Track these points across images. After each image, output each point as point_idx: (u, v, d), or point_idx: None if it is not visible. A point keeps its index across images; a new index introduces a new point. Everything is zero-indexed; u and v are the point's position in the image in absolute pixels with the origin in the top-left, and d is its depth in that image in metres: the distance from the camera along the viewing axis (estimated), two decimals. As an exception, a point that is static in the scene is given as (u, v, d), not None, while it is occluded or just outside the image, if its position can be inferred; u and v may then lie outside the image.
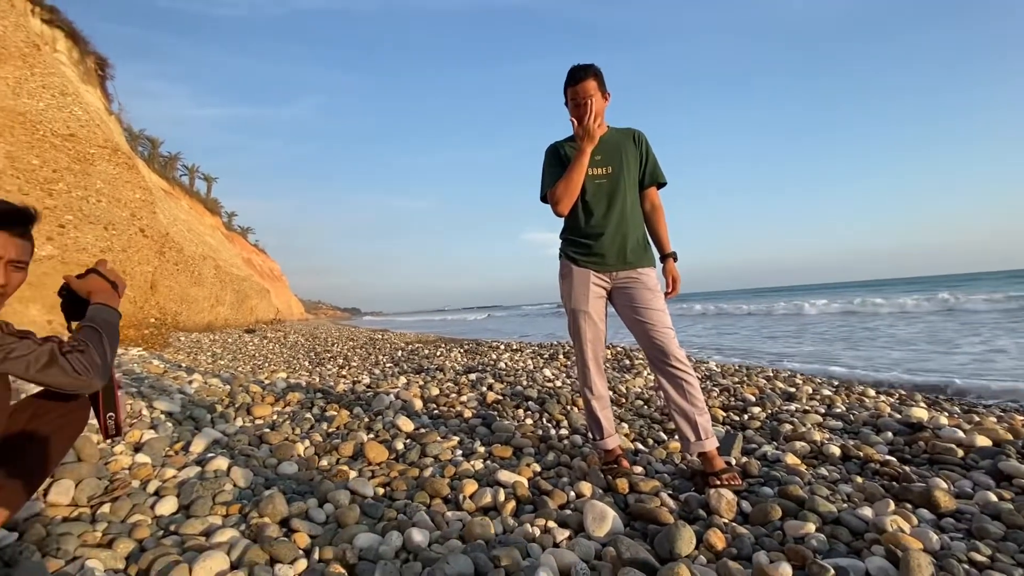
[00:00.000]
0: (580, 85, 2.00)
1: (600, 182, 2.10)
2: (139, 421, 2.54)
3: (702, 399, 1.99)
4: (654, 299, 2.05)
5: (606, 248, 2.08)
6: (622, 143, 2.12)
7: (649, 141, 2.16)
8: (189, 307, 13.91)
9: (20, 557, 1.35)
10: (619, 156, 2.10)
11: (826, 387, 3.84)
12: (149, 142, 32.93)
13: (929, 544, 1.40)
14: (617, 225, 2.08)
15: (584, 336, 2.12)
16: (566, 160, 2.11)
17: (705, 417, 1.98)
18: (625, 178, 2.09)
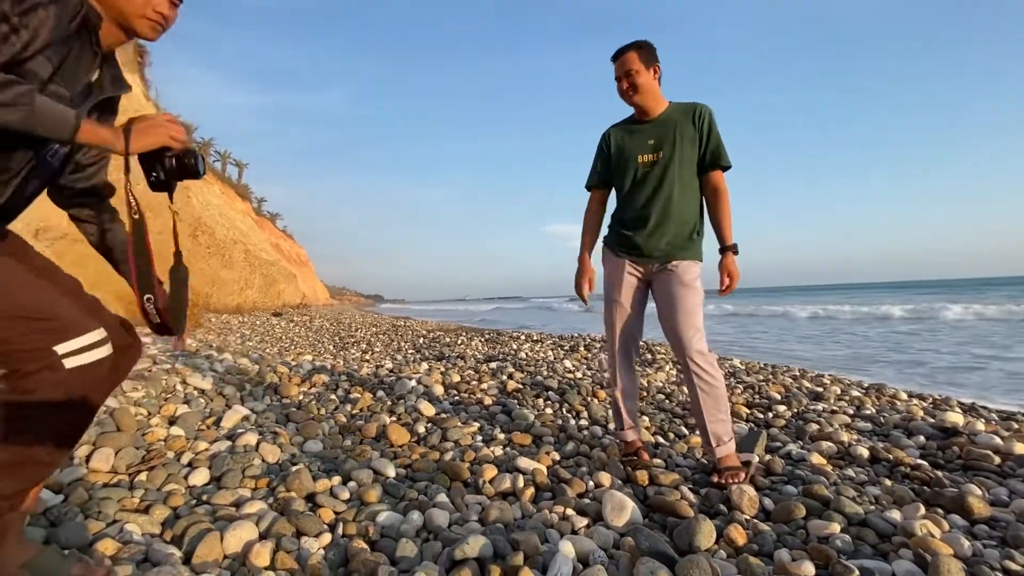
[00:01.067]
0: (620, 59, 1.93)
1: (648, 170, 1.98)
2: (173, 396, 2.64)
3: (722, 403, 1.91)
4: (687, 295, 1.92)
5: (644, 240, 1.99)
6: (680, 123, 1.96)
7: (714, 117, 1.96)
8: (220, 289, 14.32)
9: (64, 518, 1.43)
10: (672, 138, 1.95)
11: (855, 388, 3.74)
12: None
13: (960, 550, 1.36)
14: (660, 216, 1.96)
15: (614, 326, 2.09)
16: (605, 152, 2.10)
17: (719, 425, 1.90)
18: (676, 163, 1.94)
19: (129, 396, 2.48)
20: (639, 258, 2.04)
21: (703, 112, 1.96)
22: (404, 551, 1.35)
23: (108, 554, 1.28)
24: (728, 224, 1.97)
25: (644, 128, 2.02)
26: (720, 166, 1.97)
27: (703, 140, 1.96)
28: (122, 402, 2.37)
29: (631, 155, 2.03)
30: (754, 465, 1.95)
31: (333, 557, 1.34)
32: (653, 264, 2.01)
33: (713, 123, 1.96)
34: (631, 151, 2.04)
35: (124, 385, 2.57)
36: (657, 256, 2.00)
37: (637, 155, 2.00)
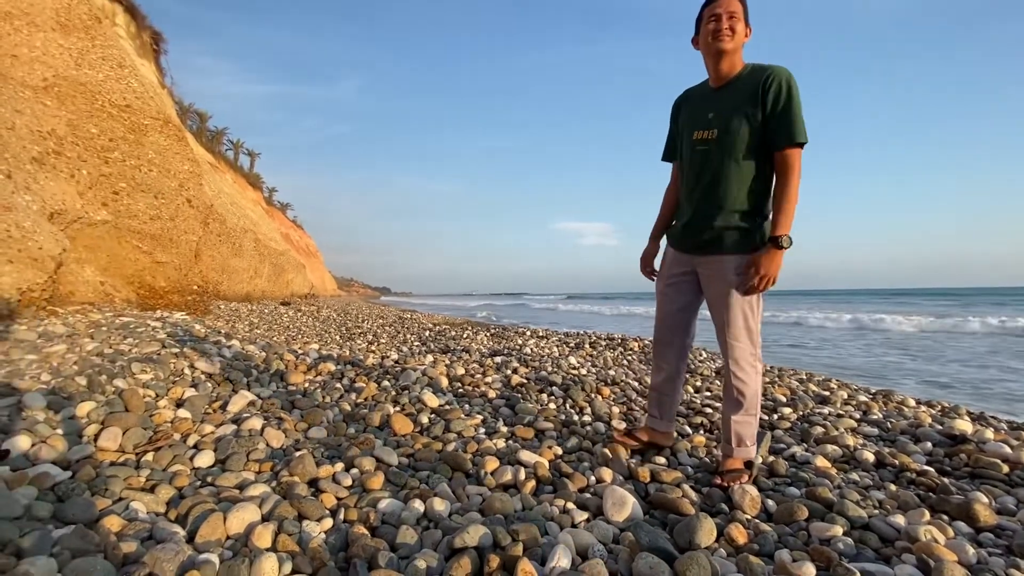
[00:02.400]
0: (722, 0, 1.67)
1: (702, 148, 1.76)
2: (181, 379, 2.67)
3: (750, 410, 1.84)
4: (726, 294, 1.75)
5: (684, 228, 1.86)
6: (746, 92, 1.68)
7: (789, 82, 1.63)
8: (229, 277, 14.43)
9: (72, 493, 1.45)
10: (732, 111, 1.69)
11: (862, 393, 3.70)
12: (198, 116, 34.04)
13: (965, 557, 1.34)
14: (703, 202, 1.77)
15: (657, 312, 2.05)
16: (673, 123, 1.97)
17: (744, 426, 1.86)
18: (734, 141, 1.69)
19: (138, 378, 2.51)
20: (681, 248, 1.91)
21: (773, 78, 1.64)
22: (404, 538, 1.36)
23: (114, 530, 1.30)
24: (780, 211, 1.66)
25: (711, 97, 1.79)
26: (790, 143, 1.64)
27: (768, 111, 1.65)
28: (130, 383, 2.41)
29: (689, 129, 1.83)
30: (757, 466, 1.94)
31: (334, 541, 1.36)
32: (694, 256, 1.86)
33: (783, 90, 1.63)
34: (690, 124, 1.83)
35: (133, 367, 2.61)
36: (698, 248, 1.84)
37: (694, 130, 1.79)
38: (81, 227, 5.71)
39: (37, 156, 5.20)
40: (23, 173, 4.86)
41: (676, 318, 1.99)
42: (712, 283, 1.82)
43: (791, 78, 1.64)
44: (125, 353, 3.00)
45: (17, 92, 5.30)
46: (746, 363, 1.80)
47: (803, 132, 1.64)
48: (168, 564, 1.13)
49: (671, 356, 2.05)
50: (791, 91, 1.64)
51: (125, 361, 2.74)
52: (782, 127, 1.64)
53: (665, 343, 2.06)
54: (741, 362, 1.79)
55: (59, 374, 2.46)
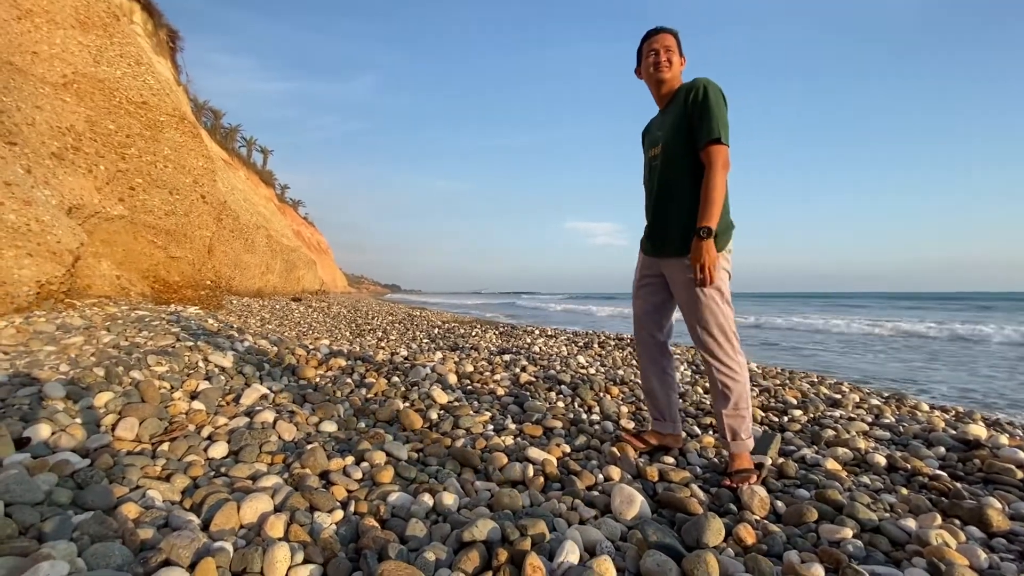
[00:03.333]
0: (657, 36, 1.88)
1: (654, 163, 1.92)
2: (195, 372, 2.72)
3: (740, 399, 1.86)
4: (684, 294, 1.85)
5: (648, 235, 2.02)
6: (679, 109, 1.81)
7: (706, 88, 1.74)
8: (242, 273, 14.59)
9: (91, 480, 1.49)
10: (672, 127, 1.82)
11: (875, 397, 3.67)
12: (212, 113, 34.41)
13: (976, 562, 1.33)
14: (656, 209, 1.91)
15: (633, 314, 2.17)
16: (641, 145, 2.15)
17: (736, 420, 1.87)
18: (676, 152, 1.81)
19: (153, 370, 2.56)
20: (648, 253, 2.06)
21: (694, 86, 1.77)
22: (414, 531, 1.38)
23: (131, 517, 1.33)
24: (703, 204, 1.72)
25: (658, 119, 1.99)
26: (707, 141, 1.73)
27: (691, 115, 1.77)
28: (147, 375, 2.45)
29: (645, 149, 2.05)
30: (766, 468, 1.93)
31: (345, 532, 1.38)
32: (659, 260, 1.98)
33: (700, 94, 1.75)
34: (646, 145, 2.06)
35: (149, 359, 2.65)
36: (659, 252, 1.96)
37: (648, 149, 1.98)
38: (98, 222, 5.81)
39: (56, 151, 5.30)
40: (43, 168, 4.96)
41: (650, 318, 2.08)
42: (676, 285, 1.91)
43: (708, 84, 1.77)
44: (141, 346, 3.05)
45: (37, 88, 5.40)
46: (724, 356, 1.83)
47: (717, 129, 1.71)
48: (184, 551, 1.16)
49: (652, 356, 2.13)
50: (707, 94, 1.74)
51: (141, 353, 2.79)
52: (701, 127, 1.75)
53: (644, 344, 2.15)
54: (719, 356, 1.83)
55: (77, 365, 2.51)
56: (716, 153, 1.72)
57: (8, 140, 4.65)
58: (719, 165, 1.72)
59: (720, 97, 1.76)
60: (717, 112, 1.73)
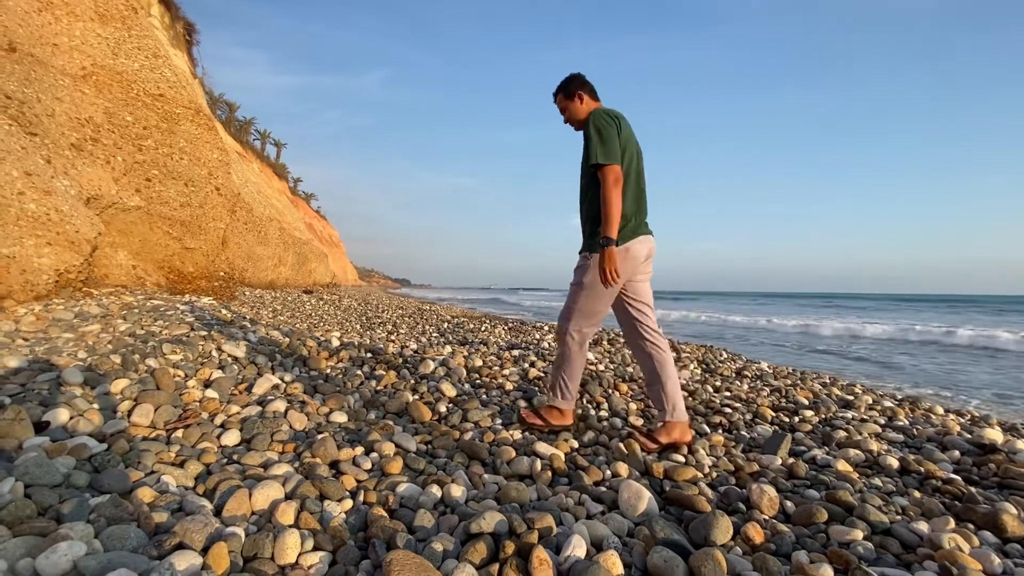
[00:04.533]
0: (555, 100, 2.31)
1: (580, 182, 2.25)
2: (209, 361, 2.75)
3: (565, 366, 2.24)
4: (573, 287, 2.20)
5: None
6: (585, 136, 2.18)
7: (591, 122, 2.07)
8: (254, 265, 14.75)
9: (108, 464, 1.52)
10: (583, 152, 2.19)
11: (888, 399, 3.62)
12: (227, 106, 34.70)
13: (990, 567, 1.31)
14: (581, 218, 2.24)
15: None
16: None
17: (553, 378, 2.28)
18: (582, 172, 2.19)
19: (168, 358, 2.60)
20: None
21: (587, 122, 2.12)
22: (422, 521, 1.39)
23: (146, 501, 1.36)
24: (603, 217, 2.02)
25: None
26: (592, 166, 2.05)
27: (585, 146, 2.13)
28: (162, 363, 2.49)
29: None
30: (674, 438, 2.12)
31: (354, 521, 1.39)
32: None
33: (587, 127, 2.09)
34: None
35: (164, 348, 2.70)
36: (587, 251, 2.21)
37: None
38: (115, 212, 5.91)
39: (75, 143, 5.39)
40: (62, 159, 5.04)
41: (616, 311, 2.29)
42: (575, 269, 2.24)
43: (592, 117, 2.09)
44: (156, 334, 3.10)
45: (57, 80, 5.49)
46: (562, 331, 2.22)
47: (595, 156, 2.02)
48: (197, 535, 1.18)
49: (630, 346, 2.30)
50: (589, 127, 2.08)
51: (156, 342, 2.83)
52: (587, 156, 2.10)
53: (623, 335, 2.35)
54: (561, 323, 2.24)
55: (94, 352, 2.56)
56: (602, 175, 2.02)
57: (29, 131, 4.74)
58: (607, 184, 2.00)
59: (599, 127, 2.05)
60: (596, 140, 2.03)
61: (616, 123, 2.07)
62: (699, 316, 18.07)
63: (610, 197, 1.97)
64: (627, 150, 2.08)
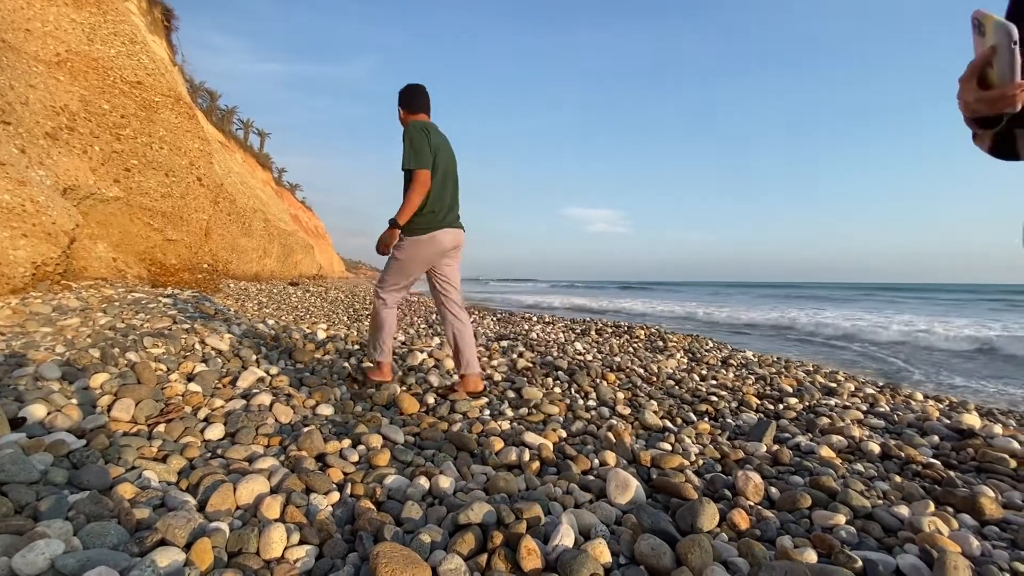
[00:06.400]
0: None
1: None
2: (192, 354, 2.71)
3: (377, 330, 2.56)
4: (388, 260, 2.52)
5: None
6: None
7: (407, 133, 2.39)
8: (239, 256, 14.54)
9: (86, 461, 1.49)
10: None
11: (870, 386, 3.69)
12: (208, 94, 33.94)
13: (968, 549, 1.34)
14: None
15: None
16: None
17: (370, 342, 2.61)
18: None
19: (150, 352, 2.55)
20: None
21: (405, 130, 2.42)
22: (410, 513, 1.38)
23: (127, 497, 1.33)
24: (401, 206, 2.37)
25: None
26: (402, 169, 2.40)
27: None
28: (143, 357, 2.44)
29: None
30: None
31: (341, 514, 1.38)
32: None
33: (404, 137, 2.40)
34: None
35: (145, 341, 2.64)
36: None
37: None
38: (94, 203, 5.76)
39: (50, 131, 5.23)
40: (37, 148, 4.89)
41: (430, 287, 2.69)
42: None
43: (407, 130, 2.39)
44: (137, 328, 3.04)
45: (31, 66, 5.31)
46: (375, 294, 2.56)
47: (404, 163, 2.36)
48: (180, 531, 1.16)
49: (439, 315, 2.67)
50: (404, 137, 2.39)
51: (137, 335, 2.78)
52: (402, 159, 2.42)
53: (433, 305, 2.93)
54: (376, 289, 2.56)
55: (73, 346, 2.50)
56: (410, 178, 2.36)
57: (2, 119, 4.58)
58: (412, 184, 2.34)
59: (411, 137, 2.37)
60: (407, 149, 2.36)
61: (426, 135, 2.40)
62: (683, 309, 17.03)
63: (411, 195, 2.34)
64: (438, 157, 2.42)
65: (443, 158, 2.45)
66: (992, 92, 0.60)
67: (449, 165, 2.50)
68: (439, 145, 2.44)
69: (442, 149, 2.46)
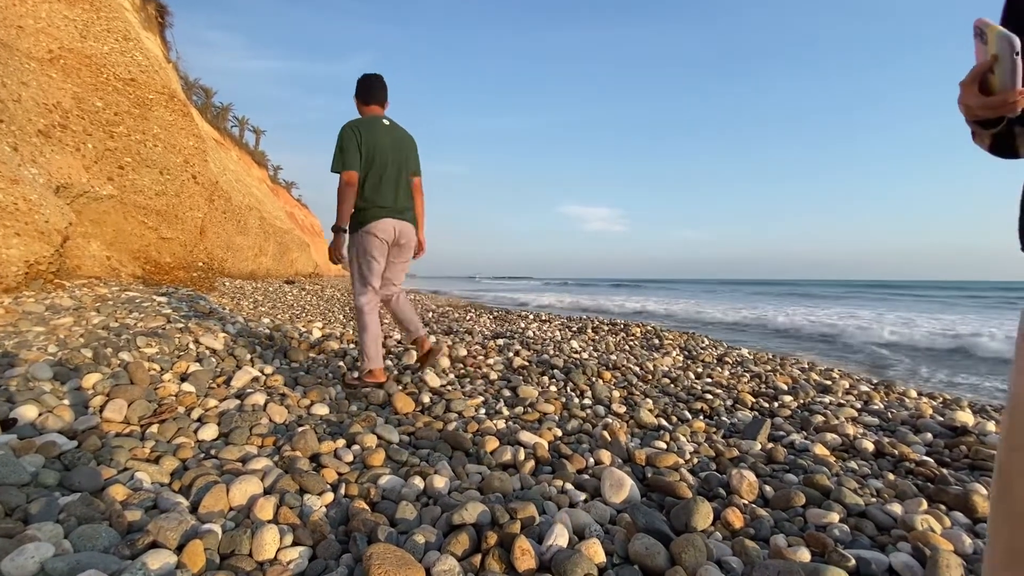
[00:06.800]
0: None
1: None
2: (186, 354, 2.69)
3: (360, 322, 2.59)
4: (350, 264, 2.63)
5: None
6: None
7: (338, 137, 2.48)
8: (234, 255, 14.47)
9: (78, 462, 1.48)
10: None
11: (864, 383, 3.70)
12: (203, 91, 33.71)
13: (961, 547, 1.35)
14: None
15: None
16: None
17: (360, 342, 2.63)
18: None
19: (143, 352, 2.53)
20: None
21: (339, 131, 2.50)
22: (404, 513, 1.38)
23: (119, 499, 1.33)
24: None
25: None
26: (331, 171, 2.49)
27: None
28: (136, 357, 2.43)
29: None
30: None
31: (335, 515, 1.38)
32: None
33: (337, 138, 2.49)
34: None
35: (138, 341, 2.63)
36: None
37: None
38: (87, 201, 5.72)
39: (43, 129, 5.18)
40: (29, 146, 4.85)
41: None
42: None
43: (339, 133, 2.47)
44: (131, 327, 3.02)
45: (23, 64, 5.26)
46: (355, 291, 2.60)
47: (333, 165, 2.44)
48: (171, 533, 1.15)
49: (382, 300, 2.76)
50: (336, 138, 2.47)
51: (131, 335, 2.76)
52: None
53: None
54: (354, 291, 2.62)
55: (66, 346, 2.48)
56: (339, 180, 2.43)
57: (-8, 116, 4.54)
58: (339, 187, 2.43)
59: (340, 140, 2.45)
60: (335, 152, 2.45)
61: (357, 135, 2.44)
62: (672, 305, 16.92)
63: (339, 198, 2.43)
64: (375, 154, 2.47)
65: (381, 154, 2.48)
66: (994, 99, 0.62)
67: (390, 159, 2.51)
68: (376, 142, 2.47)
69: (381, 145, 2.48)
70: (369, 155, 2.45)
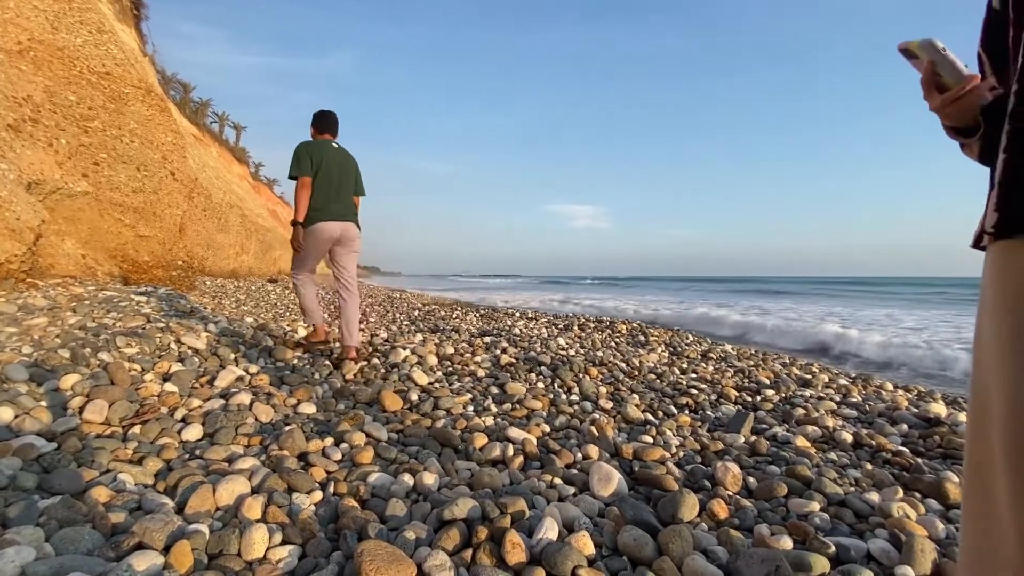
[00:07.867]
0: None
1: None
2: (167, 354, 2.65)
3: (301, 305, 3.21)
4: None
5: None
6: None
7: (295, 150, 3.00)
8: (215, 253, 14.21)
9: (58, 464, 1.44)
10: None
11: (843, 377, 3.79)
12: (181, 86, 32.95)
13: (934, 532, 1.40)
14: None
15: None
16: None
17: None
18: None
19: (123, 352, 2.48)
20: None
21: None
22: (394, 510, 1.38)
23: (102, 501, 1.30)
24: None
25: None
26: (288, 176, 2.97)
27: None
28: (116, 357, 2.38)
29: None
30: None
31: (324, 513, 1.37)
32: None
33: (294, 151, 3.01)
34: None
35: (118, 341, 2.57)
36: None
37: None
38: (60, 198, 5.56)
39: (13, 123, 5.02)
40: (-1, 140, 4.69)
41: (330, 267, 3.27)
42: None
43: (296, 148, 3.01)
44: (109, 327, 2.95)
45: (-10, 55, 5.08)
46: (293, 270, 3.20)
47: (290, 172, 2.94)
48: (157, 534, 1.14)
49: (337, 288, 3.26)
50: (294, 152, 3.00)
51: (109, 335, 2.70)
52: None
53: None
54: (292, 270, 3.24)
55: (41, 347, 2.42)
56: (296, 183, 2.96)
57: (-41, 110, 4.38)
58: (296, 188, 2.96)
59: (295, 153, 2.99)
60: (292, 161, 2.96)
61: (310, 149, 2.98)
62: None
63: (296, 197, 2.95)
64: (322, 167, 2.97)
65: (327, 168, 3.01)
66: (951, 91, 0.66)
67: (334, 173, 3.05)
68: (324, 158, 3.01)
69: (328, 160, 3.02)
70: (318, 168, 2.98)
